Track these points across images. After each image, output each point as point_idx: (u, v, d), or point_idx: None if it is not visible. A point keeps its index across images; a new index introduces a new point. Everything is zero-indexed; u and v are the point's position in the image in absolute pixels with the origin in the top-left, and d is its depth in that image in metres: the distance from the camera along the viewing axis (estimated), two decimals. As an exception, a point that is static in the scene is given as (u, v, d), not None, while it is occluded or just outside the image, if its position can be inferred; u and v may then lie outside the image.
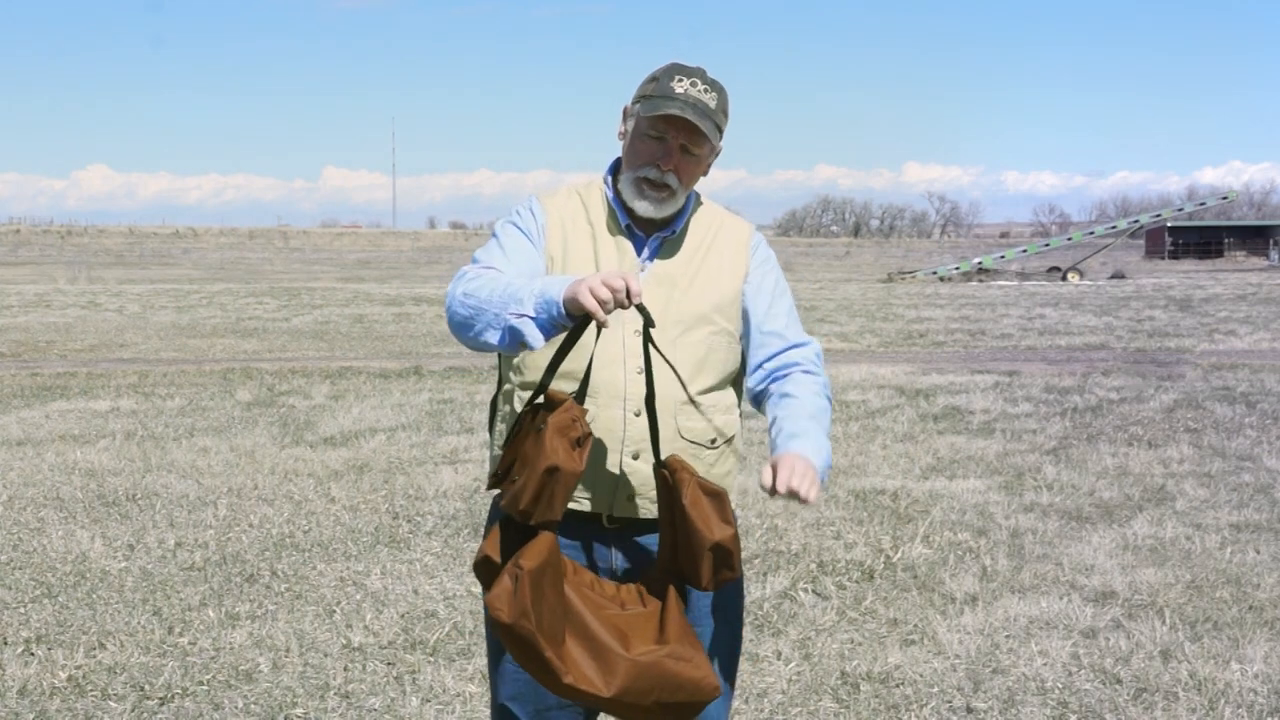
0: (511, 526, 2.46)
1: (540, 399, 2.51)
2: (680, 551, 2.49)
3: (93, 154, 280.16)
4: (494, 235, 2.75)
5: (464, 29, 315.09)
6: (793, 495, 2.42)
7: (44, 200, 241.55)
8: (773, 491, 2.43)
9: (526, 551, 2.37)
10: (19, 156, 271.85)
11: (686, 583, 2.53)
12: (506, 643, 2.37)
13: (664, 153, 2.65)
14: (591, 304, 2.28)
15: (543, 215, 2.74)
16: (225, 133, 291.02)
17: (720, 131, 2.68)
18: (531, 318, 2.38)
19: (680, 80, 2.65)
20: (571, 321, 2.36)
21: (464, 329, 2.51)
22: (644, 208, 2.68)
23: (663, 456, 2.57)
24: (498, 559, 2.45)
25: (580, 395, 2.51)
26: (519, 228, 2.72)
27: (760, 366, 2.76)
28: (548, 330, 2.39)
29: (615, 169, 2.78)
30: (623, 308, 2.31)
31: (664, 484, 2.53)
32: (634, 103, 2.71)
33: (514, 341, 2.41)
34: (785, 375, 2.74)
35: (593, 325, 2.38)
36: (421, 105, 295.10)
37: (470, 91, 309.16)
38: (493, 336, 2.44)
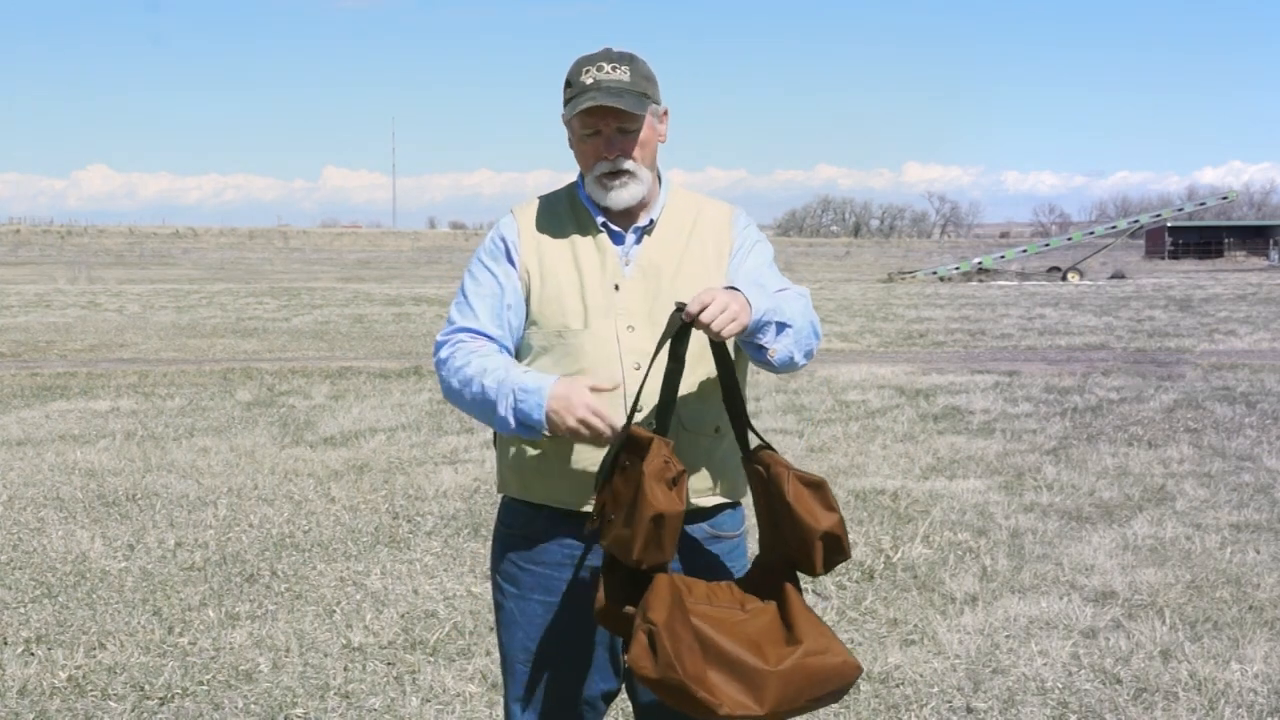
0: (617, 568, 2.48)
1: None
2: (790, 543, 2.52)
3: (93, 154, 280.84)
4: (465, 280, 2.79)
5: (464, 29, 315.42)
6: (701, 324, 2.43)
7: (44, 200, 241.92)
8: (687, 316, 2.44)
9: (652, 603, 2.40)
10: (19, 156, 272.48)
11: (799, 570, 2.55)
12: (657, 692, 2.39)
13: (605, 144, 2.68)
14: (582, 433, 2.51)
15: (514, 232, 2.78)
16: (225, 133, 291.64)
17: (648, 96, 2.69)
18: (521, 428, 2.59)
19: (588, 71, 2.67)
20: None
21: (470, 416, 2.73)
22: (614, 199, 2.70)
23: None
24: (617, 606, 2.47)
25: (663, 428, 2.53)
26: (486, 267, 2.76)
27: None
28: (538, 434, 2.59)
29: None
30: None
31: (757, 478, 2.55)
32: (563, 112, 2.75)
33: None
34: None
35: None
36: (421, 105, 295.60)
37: (470, 91, 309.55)
38: (498, 430, 2.67)
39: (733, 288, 2.52)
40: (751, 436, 2.64)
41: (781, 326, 2.56)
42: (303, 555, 6.55)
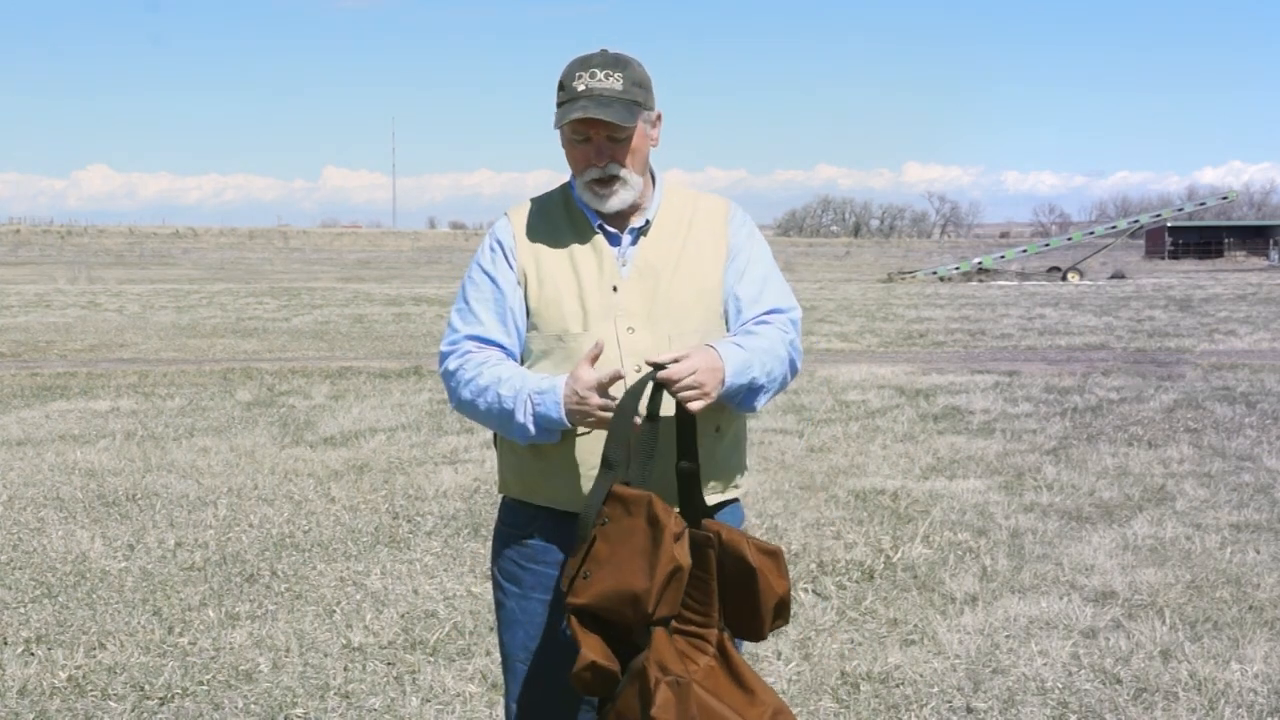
0: (588, 620, 2.45)
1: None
2: (737, 608, 2.54)
3: (93, 154, 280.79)
4: (464, 286, 2.78)
5: (464, 29, 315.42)
6: (675, 389, 2.47)
7: (44, 200, 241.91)
8: (664, 376, 2.47)
9: (666, 657, 2.39)
10: (19, 156, 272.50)
11: (739, 635, 2.57)
12: None
13: (595, 151, 2.67)
14: (600, 417, 2.52)
15: (509, 235, 2.77)
16: (225, 133, 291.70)
17: (639, 104, 2.67)
18: (541, 431, 2.61)
19: (580, 77, 2.65)
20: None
21: (485, 426, 2.75)
22: (606, 205, 2.70)
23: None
24: (607, 663, 2.41)
25: (646, 481, 2.51)
26: (485, 271, 2.76)
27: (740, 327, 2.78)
28: (557, 434, 2.63)
29: None
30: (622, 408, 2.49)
31: (703, 544, 2.51)
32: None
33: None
34: (756, 322, 2.76)
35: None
36: (421, 105, 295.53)
37: (470, 91, 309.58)
38: (516, 438, 2.68)
39: (713, 348, 2.54)
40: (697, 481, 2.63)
41: (753, 392, 2.62)
42: (303, 555, 6.55)
